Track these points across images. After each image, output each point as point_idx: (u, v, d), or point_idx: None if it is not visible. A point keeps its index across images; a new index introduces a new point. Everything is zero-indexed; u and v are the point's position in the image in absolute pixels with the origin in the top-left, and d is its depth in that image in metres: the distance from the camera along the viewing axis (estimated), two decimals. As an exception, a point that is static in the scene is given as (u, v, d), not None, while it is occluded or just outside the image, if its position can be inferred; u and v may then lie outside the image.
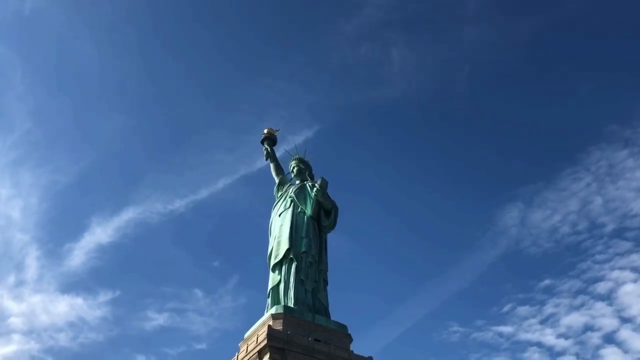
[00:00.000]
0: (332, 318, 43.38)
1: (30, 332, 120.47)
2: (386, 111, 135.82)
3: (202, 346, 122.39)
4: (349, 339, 42.25)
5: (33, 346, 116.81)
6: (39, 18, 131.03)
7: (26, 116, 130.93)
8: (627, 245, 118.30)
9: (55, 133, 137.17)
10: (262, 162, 54.01)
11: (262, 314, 43.15)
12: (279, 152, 53.96)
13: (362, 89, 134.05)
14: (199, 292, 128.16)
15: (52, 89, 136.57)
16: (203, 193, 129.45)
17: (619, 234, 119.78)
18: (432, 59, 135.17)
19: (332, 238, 48.17)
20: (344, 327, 42.65)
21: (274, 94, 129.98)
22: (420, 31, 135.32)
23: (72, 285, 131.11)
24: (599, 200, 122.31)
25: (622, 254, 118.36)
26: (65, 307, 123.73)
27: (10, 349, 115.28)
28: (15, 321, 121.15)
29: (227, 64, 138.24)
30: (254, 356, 38.45)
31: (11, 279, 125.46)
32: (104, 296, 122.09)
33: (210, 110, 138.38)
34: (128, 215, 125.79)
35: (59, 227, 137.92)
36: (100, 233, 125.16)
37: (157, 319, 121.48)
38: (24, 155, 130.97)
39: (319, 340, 40.02)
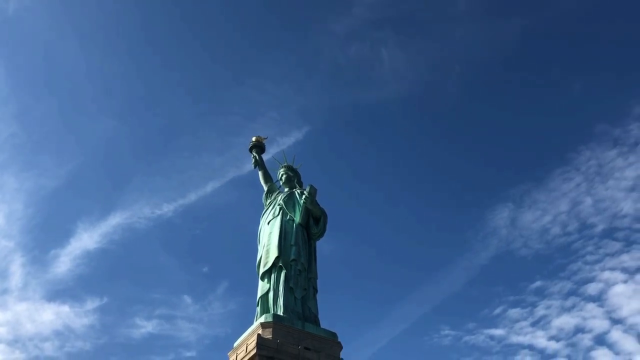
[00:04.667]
0: (322, 326, 43.28)
1: (15, 342, 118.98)
2: (376, 112, 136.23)
3: (191, 354, 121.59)
4: (339, 346, 42.14)
5: (18, 356, 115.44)
6: (22, 18, 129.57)
7: (10, 119, 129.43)
8: (617, 245, 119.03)
9: (41, 136, 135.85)
10: (251, 165, 54.04)
11: (253, 320, 43.08)
12: (267, 155, 54.26)
13: (353, 89, 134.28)
14: (188, 299, 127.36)
15: (37, 91, 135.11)
16: (191, 197, 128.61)
17: (609, 234, 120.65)
18: (422, 58, 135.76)
19: (321, 243, 48.20)
20: (334, 334, 42.55)
21: (263, 95, 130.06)
22: (410, 31, 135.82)
23: (58, 293, 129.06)
24: (589, 201, 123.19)
25: (612, 255, 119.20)
26: (51, 316, 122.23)
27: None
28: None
29: (215, 65, 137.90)
30: (243, 365, 38.30)
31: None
32: (91, 303, 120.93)
33: (198, 113, 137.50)
34: (115, 220, 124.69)
35: (44, 233, 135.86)
36: (87, 239, 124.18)
37: (146, 327, 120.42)
38: (8, 159, 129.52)
39: (308, 349, 39.90)
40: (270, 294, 43.29)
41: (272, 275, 43.97)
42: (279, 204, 47.85)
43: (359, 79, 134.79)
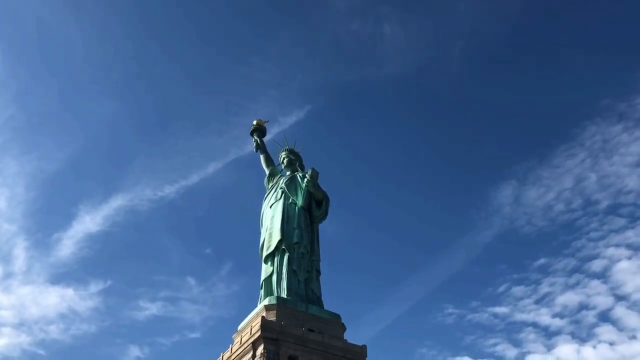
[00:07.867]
0: (325, 307, 43.70)
1: (20, 325, 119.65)
2: (379, 89, 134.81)
3: (196, 335, 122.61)
4: (343, 328, 42.60)
5: (24, 339, 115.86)
6: (19, 0, 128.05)
7: (9, 101, 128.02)
8: (621, 221, 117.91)
9: (40, 118, 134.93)
10: (252, 146, 53.97)
11: (257, 302, 43.51)
12: (269, 136, 54.45)
13: (354, 67, 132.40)
14: (191, 280, 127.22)
15: (36, 73, 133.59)
16: (193, 178, 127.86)
17: (614, 210, 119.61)
18: (425, 34, 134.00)
19: (324, 224, 48.46)
20: (338, 316, 42.99)
21: (263, 73, 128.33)
22: (413, 6, 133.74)
23: (62, 276, 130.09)
24: (593, 177, 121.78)
25: (616, 231, 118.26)
26: (55, 299, 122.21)
27: (0, 342, 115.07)
28: (4, 314, 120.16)
29: (215, 44, 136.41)
30: (248, 347, 38.77)
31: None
32: (95, 286, 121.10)
33: (198, 92, 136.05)
34: (117, 202, 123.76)
35: (46, 216, 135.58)
36: (89, 222, 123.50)
37: (150, 309, 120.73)
38: (8, 142, 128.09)
39: (312, 330, 40.37)
40: (274, 277, 43.66)
41: (276, 258, 44.30)
42: (281, 188, 47.99)
43: (361, 56, 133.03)
